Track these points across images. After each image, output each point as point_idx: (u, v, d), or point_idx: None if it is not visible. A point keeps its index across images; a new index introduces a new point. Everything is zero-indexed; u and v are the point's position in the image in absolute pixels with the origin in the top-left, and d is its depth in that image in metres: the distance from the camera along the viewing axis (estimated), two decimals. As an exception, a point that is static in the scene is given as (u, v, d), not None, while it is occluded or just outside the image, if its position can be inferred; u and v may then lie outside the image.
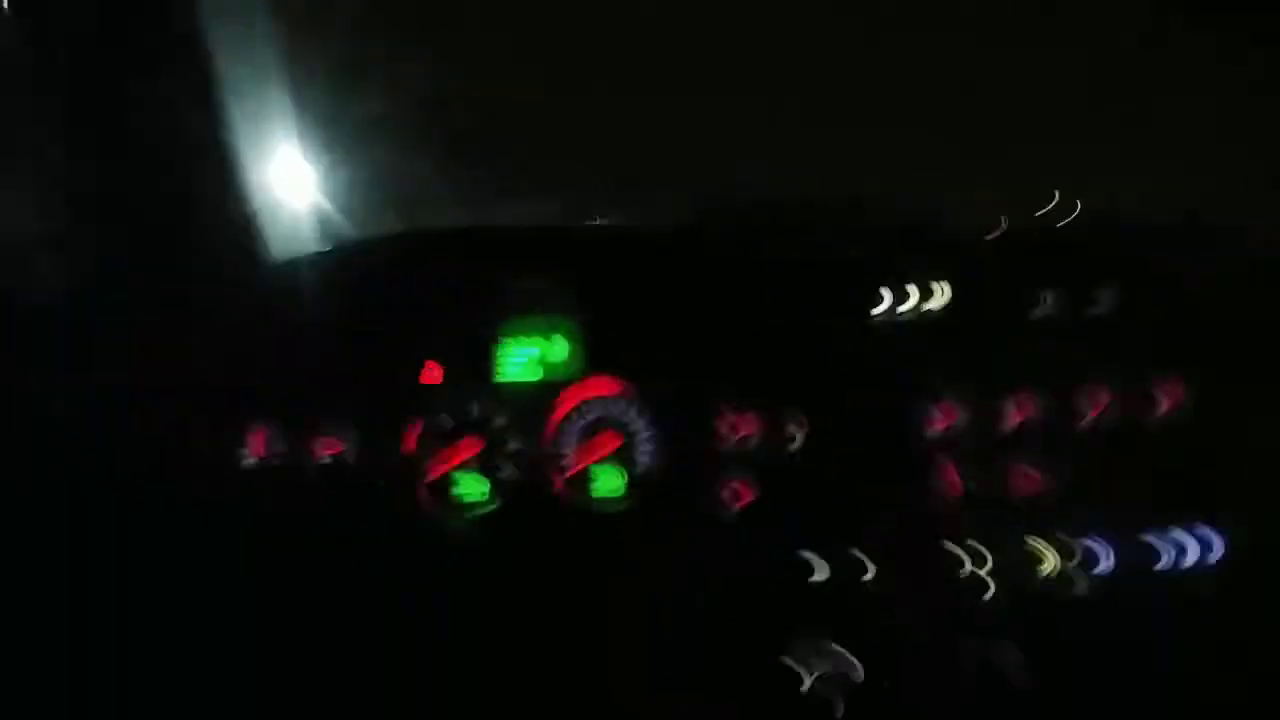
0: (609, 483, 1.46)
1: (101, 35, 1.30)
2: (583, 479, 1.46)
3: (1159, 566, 1.39)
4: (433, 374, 1.45)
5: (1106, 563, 1.38)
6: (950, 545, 1.38)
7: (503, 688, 1.30)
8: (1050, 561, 1.37)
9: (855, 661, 1.32)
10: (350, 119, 1.61)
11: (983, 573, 1.37)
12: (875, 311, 1.48)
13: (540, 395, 1.47)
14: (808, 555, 1.38)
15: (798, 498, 1.43)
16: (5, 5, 1.26)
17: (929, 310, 1.48)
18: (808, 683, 1.32)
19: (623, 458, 1.46)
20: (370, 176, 1.64)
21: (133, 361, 1.34)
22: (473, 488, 1.44)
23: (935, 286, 1.49)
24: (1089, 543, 1.38)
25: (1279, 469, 1.40)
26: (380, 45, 1.69)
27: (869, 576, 1.36)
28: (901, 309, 1.48)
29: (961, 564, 1.38)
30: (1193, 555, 1.38)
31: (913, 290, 1.48)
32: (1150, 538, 1.39)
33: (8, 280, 1.35)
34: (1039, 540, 1.38)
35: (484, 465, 1.45)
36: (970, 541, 1.38)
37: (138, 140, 1.34)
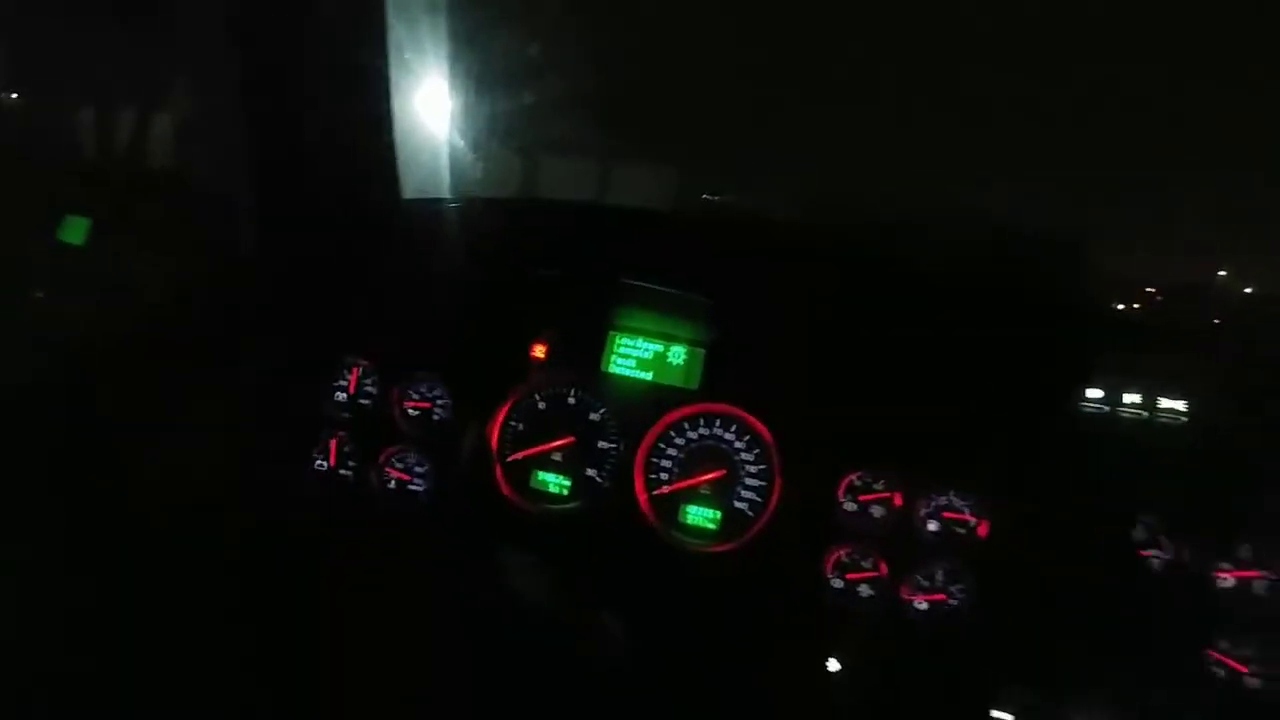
0: (701, 515, 1.28)
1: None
2: (672, 502, 1.28)
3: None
4: (539, 351, 1.31)
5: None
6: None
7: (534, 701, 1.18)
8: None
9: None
10: (501, 69, 1.48)
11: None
12: (1084, 402, 1.16)
13: (647, 399, 1.30)
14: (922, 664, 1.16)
15: (915, 593, 1.18)
16: None
17: (1158, 413, 1.14)
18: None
19: (721, 492, 1.27)
20: (516, 132, 1.51)
21: (246, 280, 1.31)
22: (554, 480, 1.32)
23: (1171, 386, 1.14)
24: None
25: None
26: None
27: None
28: (1122, 406, 1.15)
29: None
30: None
31: (1140, 385, 1.14)
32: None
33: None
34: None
35: (569, 458, 1.31)
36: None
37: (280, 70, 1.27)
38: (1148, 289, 1.78)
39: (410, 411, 1.35)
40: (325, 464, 1.35)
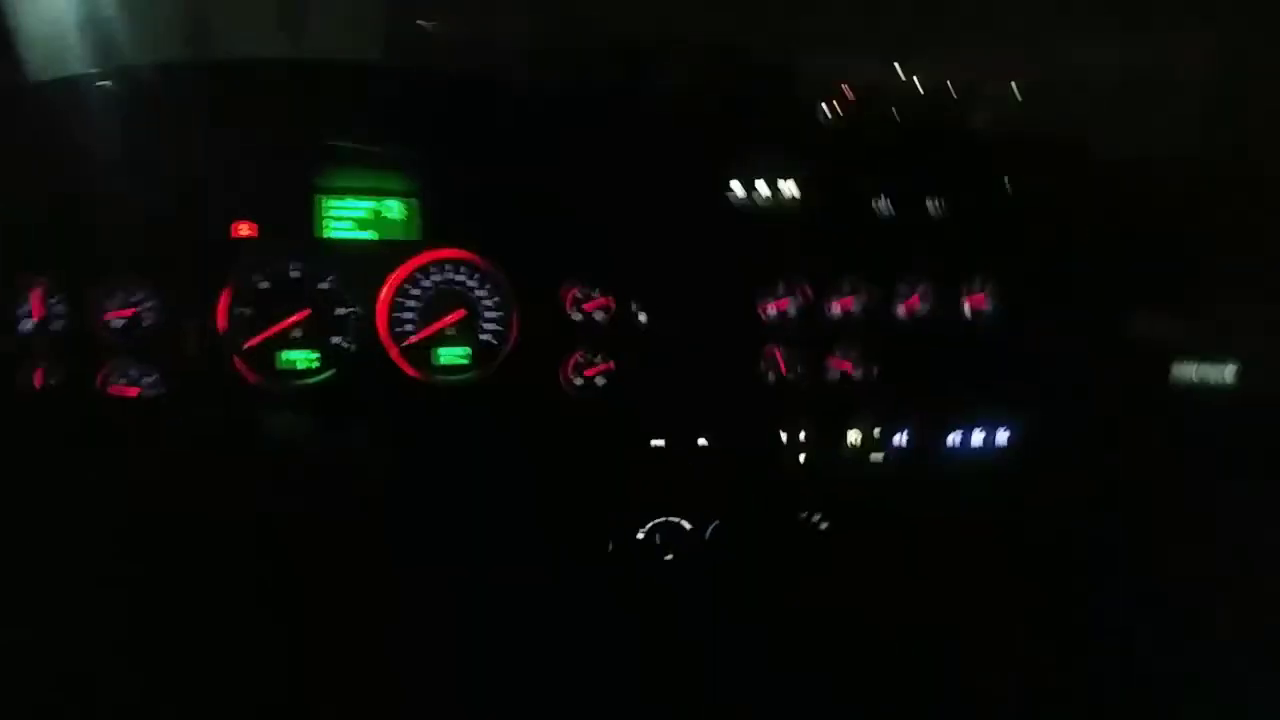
0: (451, 355, 1.41)
1: None
2: (422, 349, 1.39)
3: (948, 447, 1.59)
4: (244, 229, 1.27)
5: (901, 439, 1.56)
6: (772, 419, 1.50)
7: (334, 564, 1.28)
8: (854, 436, 1.54)
9: (683, 522, 1.45)
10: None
11: (798, 443, 1.51)
12: (726, 195, 1.45)
13: (374, 257, 1.34)
14: (646, 425, 1.45)
15: (639, 374, 1.46)
16: None
17: (777, 198, 1.48)
18: (640, 534, 1.44)
19: (466, 329, 1.40)
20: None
21: None
22: (300, 356, 1.34)
23: (786, 174, 1.47)
24: (890, 423, 1.55)
25: (1060, 375, 1.57)
26: None
27: (702, 443, 1.46)
28: (752, 195, 1.46)
29: (780, 436, 1.50)
30: (978, 440, 1.60)
31: (764, 176, 1.46)
32: (944, 422, 1.58)
33: None
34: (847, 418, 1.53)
35: (310, 331, 1.33)
36: (789, 416, 1.51)
37: None
38: (844, 88, 2.05)
39: (113, 323, 1.25)
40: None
